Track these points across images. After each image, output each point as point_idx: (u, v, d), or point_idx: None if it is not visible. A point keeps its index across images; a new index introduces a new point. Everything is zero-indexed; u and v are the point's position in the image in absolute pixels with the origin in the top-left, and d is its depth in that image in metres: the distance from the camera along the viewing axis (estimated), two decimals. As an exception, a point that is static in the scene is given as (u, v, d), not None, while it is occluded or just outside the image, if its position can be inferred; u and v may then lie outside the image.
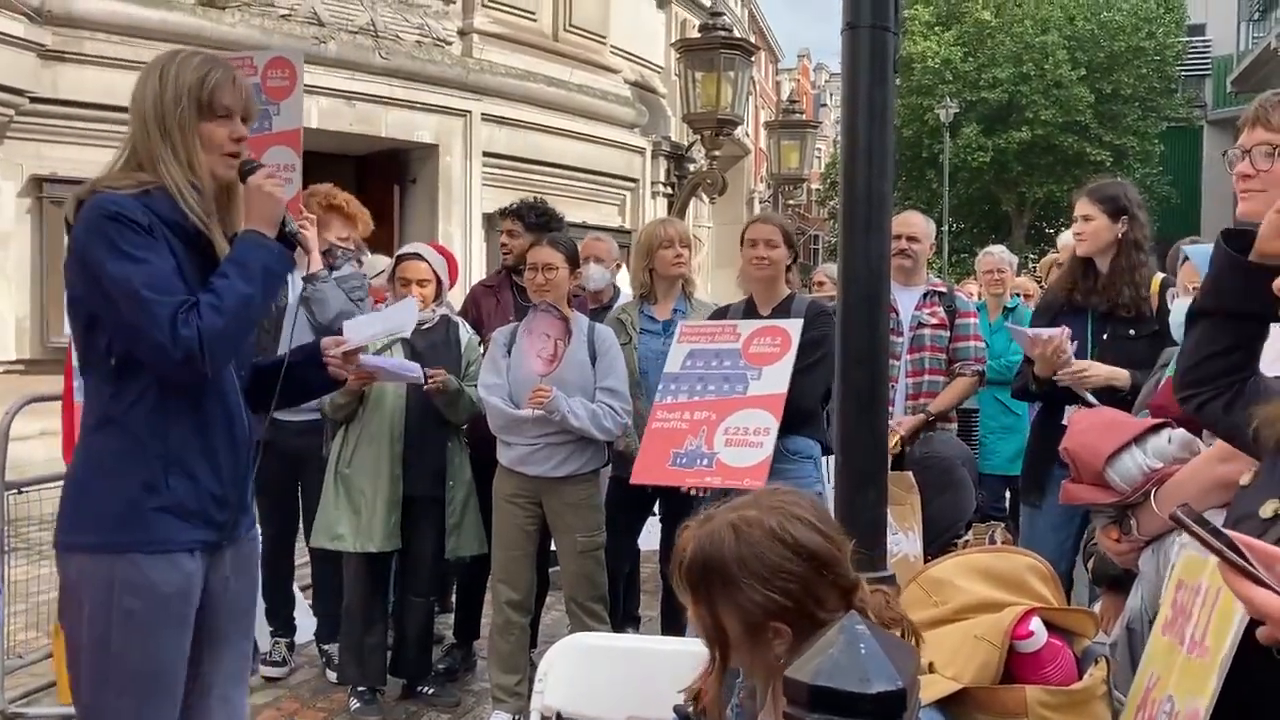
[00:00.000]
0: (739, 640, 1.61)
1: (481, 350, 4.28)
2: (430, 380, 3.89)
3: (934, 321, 4.37)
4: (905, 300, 4.40)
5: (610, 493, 4.24)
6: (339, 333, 2.62)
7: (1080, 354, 3.54)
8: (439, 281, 4.22)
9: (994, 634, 1.83)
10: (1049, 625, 1.89)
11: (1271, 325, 1.71)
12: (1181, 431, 2.23)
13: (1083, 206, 3.65)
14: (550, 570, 4.53)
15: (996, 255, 6.38)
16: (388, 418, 4.02)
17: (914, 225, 4.49)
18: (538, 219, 4.72)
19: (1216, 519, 1.93)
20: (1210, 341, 1.75)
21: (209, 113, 2.18)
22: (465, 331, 4.30)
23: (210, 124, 2.18)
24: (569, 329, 3.86)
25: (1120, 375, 3.44)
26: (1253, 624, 1.31)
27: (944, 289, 4.56)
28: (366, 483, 4.00)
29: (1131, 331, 3.55)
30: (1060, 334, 3.47)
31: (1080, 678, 1.85)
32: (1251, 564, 1.18)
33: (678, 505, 3.95)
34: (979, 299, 6.20)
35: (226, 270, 2.14)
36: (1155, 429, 2.26)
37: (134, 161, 2.18)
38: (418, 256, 4.20)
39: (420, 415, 4.04)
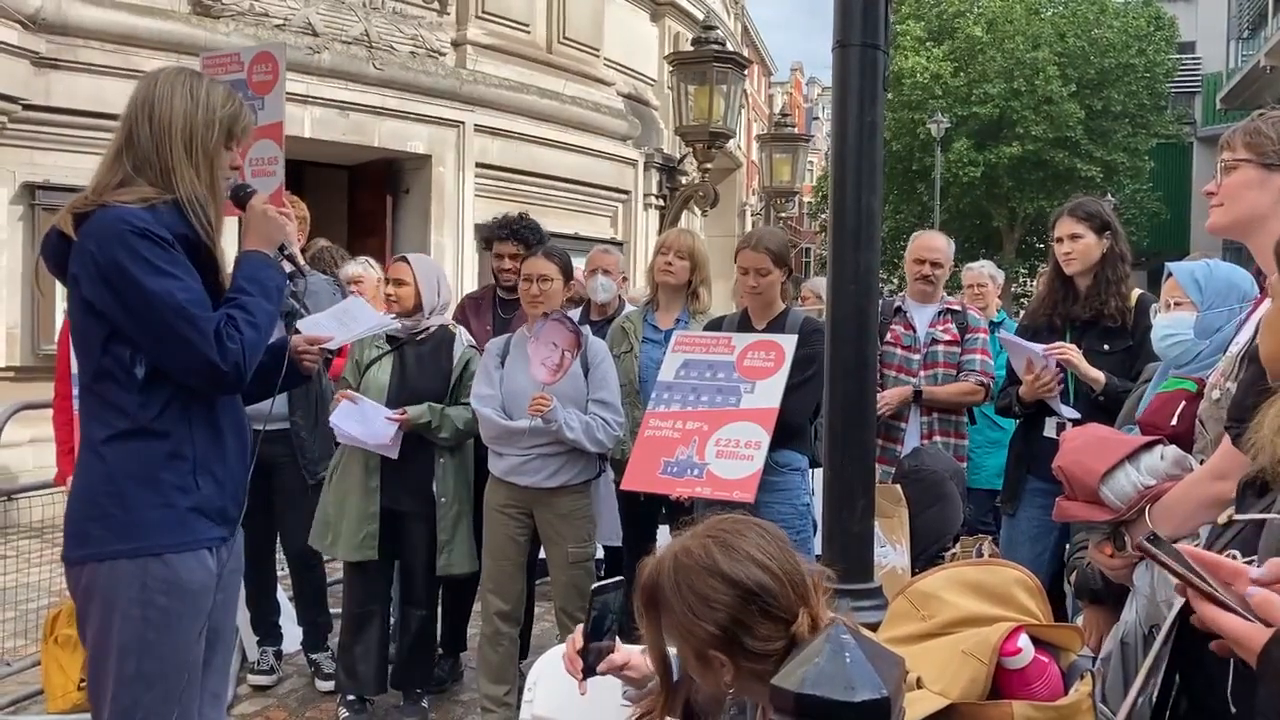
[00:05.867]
0: (692, 666, 1.63)
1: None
2: (400, 424, 3.94)
3: (947, 338, 4.49)
4: (921, 317, 4.54)
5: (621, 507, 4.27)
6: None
7: (1059, 374, 3.59)
8: (420, 290, 4.12)
9: (982, 650, 1.84)
10: (1036, 641, 1.90)
11: None
12: (1174, 449, 2.25)
13: (1069, 226, 3.65)
14: (537, 582, 4.54)
15: (978, 269, 6.38)
16: None
17: (938, 250, 4.61)
18: (536, 237, 4.69)
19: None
20: (1258, 381, 1.76)
21: (230, 141, 2.32)
22: (461, 344, 4.23)
23: (227, 151, 2.32)
24: (579, 341, 3.84)
25: (1097, 376, 3.50)
26: (1185, 616, 1.34)
27: (958, 307, 4.66)
28: (342, 493, 4.08)
29: (1106, 346, 3.61)
30: (1051, 359, 3.53)
31: (1066, 693, 1.86)
32: (1217, 589, 1.21)
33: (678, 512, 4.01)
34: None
35: (248, 288, 2.26)
36: (1148, 446, 2.27)
37: (132, 171, 2.23)
38: (403, 259, 4.21)
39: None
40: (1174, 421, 2.42)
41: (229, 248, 2.43)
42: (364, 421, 3.92)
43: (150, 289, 2.10)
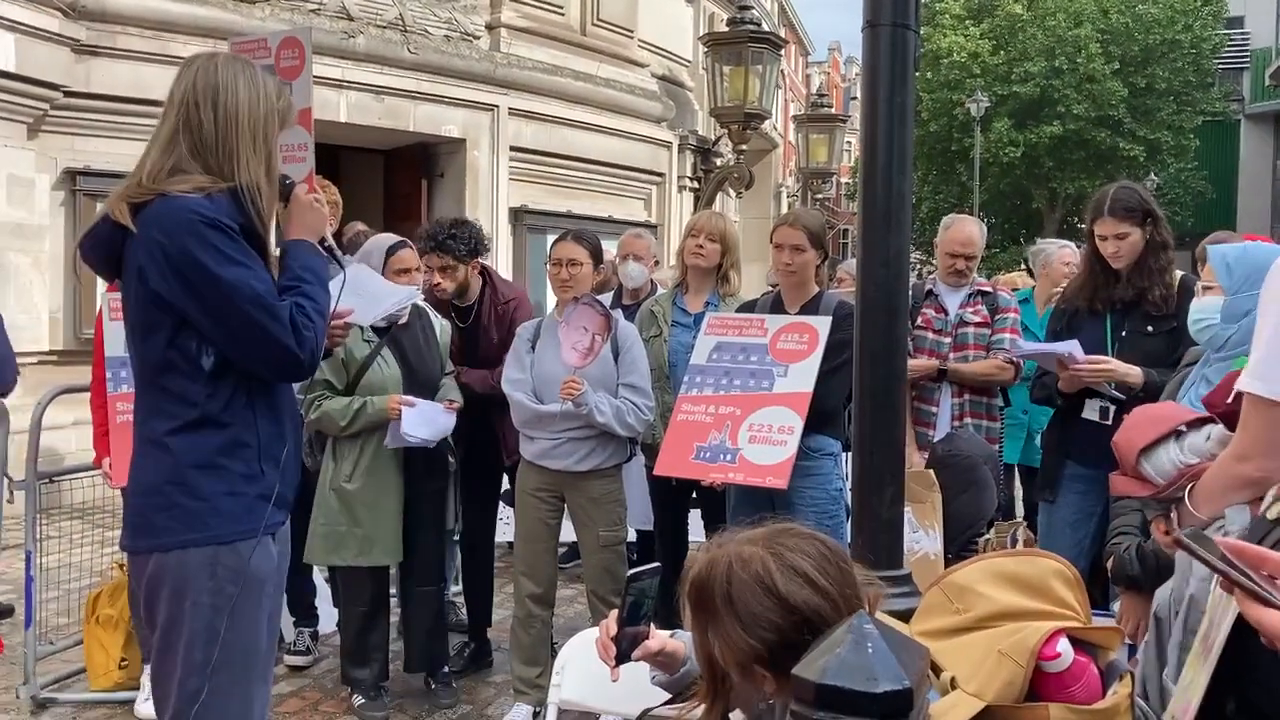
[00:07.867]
0: (733, 671, 1.58)
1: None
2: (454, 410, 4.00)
3: (977, 320, 4.46)
4: (952, 301, 4.53)
5: (652, 491, 4.27)
6: None
7: (1099, 353, 3.53)
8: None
9: (1020, 653, 1.79)
10: (1074, 640, 1.86)
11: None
12: (1220, 428, 2.21)
13: (1112, 226, 3.53)
14: (569, 565, 4.55)
15: (1070, 250, 6.05)
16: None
17: (973, 244, 4.59)
18: (467, 249, 4.31)
19: (1242, 514, 1.93)
20: None
21: (281, 129, 2.34)
22: (437, 321, 4.21)
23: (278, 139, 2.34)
24: (609, 325, 3.83)
25: (1134, 373, 3.43)
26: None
27: (988, 289, 4.64)
28: (374, 496, 3.92)
29: (1150, 329, 3.54)
30: (1078, 354, 3.48)
31: (1105, 694, 1.83)
32: (1260, 584, 1.17)
33: (710, 496, 4.02)
34: (1051, 290, 5.78)
35: (306, 277, 2.29)
36: (1198, 424, 2.24)
37: (188, 155, 2.22)
38: (405, 244, 4.16)
39: None
40: (1230, 399, 2.39)
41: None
42: (426, 421, 3.86)
43: (226, 279, 2.11)
